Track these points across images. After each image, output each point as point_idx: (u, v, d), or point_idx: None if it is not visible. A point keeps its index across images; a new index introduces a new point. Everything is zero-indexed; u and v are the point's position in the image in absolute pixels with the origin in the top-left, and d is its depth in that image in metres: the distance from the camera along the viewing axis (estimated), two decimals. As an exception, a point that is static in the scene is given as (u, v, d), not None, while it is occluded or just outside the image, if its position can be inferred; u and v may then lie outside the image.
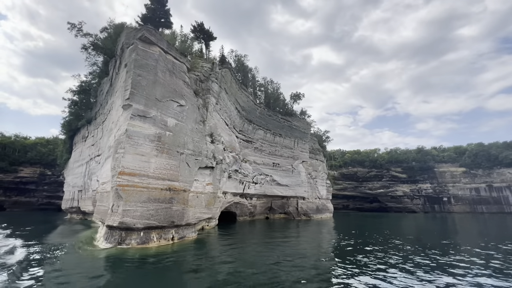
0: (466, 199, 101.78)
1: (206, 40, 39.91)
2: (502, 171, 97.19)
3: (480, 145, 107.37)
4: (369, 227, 43.48)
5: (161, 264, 14.71)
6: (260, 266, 14.80)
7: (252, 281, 12.02)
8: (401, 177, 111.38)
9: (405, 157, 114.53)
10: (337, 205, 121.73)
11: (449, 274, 13.82)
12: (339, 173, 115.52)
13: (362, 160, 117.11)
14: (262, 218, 54.25)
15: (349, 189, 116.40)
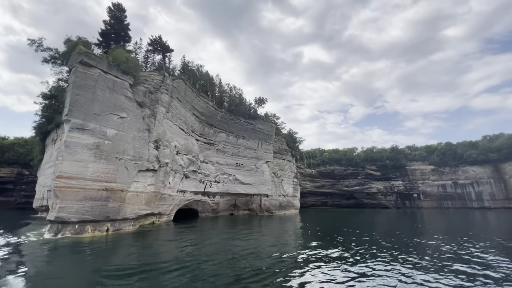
0: (434, 195, 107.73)
1: (164, 52, 43.80)
2: (466, 169, 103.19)
3: (448, 144, 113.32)
4: (328, 221, 48.53)
5: (89, 250, 18.98)
6: (170, 254, 19.00)
7: (142, 264, 16.35)
8: (376, 175, 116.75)
9: (380, 156, 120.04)
10: (316, 201, 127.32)
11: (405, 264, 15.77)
12: (317, 171, 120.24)
13: (340, 159, 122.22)
14: (227, 215, 58.68)
15: (327, 187, 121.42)
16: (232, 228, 35.10)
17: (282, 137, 75.01)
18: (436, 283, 12.16)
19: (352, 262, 16.17)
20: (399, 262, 16.05)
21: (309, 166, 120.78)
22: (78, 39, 36.77)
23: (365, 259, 16.75)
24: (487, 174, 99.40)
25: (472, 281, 12.52)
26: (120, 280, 12.60)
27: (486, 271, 14.15)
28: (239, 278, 12.73)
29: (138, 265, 14.85)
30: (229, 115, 55.31)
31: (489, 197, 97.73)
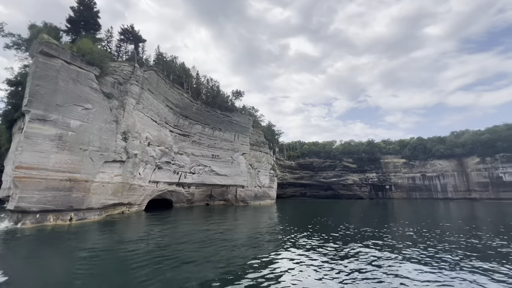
0: (404, 187, 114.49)
1: (136, 43, 43.29)
2: (434, 163, 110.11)
3: (419, 139, 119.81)
4: (303, 211, 51.38)
5: (43, 238, 19.72)
6: (129, 242, 20.15)
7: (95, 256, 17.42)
8: (352, 167, 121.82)
9: (357, 149, 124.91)
10: (295, 192, 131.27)
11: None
12: (297, 163, 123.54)
13: (319, 151, 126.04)
14: (202, 205, 60.06)
15: (306, 178, 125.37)
16: (204, 218, 36.45)
17: (260, 130, 76.46)
18: (401, 263, 14.16)
19: (323, 248, 17.54)
20: (367, 246, 18.19)
21: (289, 158, 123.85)
22: (44, 25, 35.69)
23: (336, 246, 18.20)
24: (452, 168, 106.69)
25: (423, 255, 15.43)
26: (72, 263, 13.70)
27: (445, 252, 16.68)
28: (201, 264, 13.67)
29: (94, 253, 15.95)
30: (205, 107, 55.80)
31: (452, 189, 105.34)
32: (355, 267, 13.44)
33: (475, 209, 56.02)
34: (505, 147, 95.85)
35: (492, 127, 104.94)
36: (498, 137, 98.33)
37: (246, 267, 13.30)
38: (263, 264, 13.80)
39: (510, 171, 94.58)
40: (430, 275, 12.30)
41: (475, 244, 19.15)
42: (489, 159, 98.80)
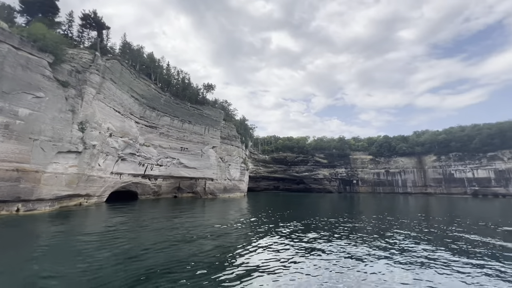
0: (369, 182, 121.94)
1: (99, 29, 41.75)
2: (397, 159, 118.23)
3: (385, 137, 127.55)
4: (271, 203, 53.62)
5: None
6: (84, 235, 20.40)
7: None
8: (323, 162, 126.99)
9: (328, 145, 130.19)
10: (269, 186, 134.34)
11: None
12: (271, 157, 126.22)
13: (292, 146, 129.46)
14: (170, 197, 60.16)
15: (279, 172, 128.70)
16: (170, 210, 36.87)
17: (233, 124, 77.23)
18: (368, 252, 15.66)
19: (290, 238, 18.79)
20: (333, 236, 20.03)
21: (264, 153, 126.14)
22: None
23: (302, 237, 19.51)
24: (412, 165, 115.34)
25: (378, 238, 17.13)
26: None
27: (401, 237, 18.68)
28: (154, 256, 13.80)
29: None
30: (174, 99, 55.37)
31: (411, 184, 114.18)
32: (324, 257, 14.38)
33: (430, 203, 61.80)
34: (458, 147, 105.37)
35: (448, 128, 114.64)
36: (453, 138, 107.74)
37: (211, 260, 13.33)
38: (228, 258, 13.71)
39: (460, 168, 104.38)
40: (386, 260, 14.17)
41: (426, 233, 22.03)
42: (444, 157, 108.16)
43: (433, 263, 13.53)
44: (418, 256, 14.75)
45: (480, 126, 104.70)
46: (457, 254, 15.39)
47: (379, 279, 11.34)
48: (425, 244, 17.77)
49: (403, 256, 14.81)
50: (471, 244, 17.76)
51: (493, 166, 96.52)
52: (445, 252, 15.80)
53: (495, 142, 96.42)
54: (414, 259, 14.29)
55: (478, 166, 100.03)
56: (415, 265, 13.22)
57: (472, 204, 59.42)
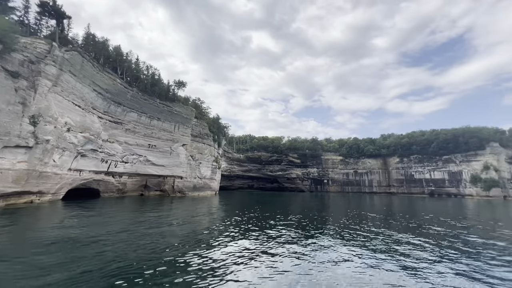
0: (339, 181, 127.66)
1: (58, 18, 39.71)
2: (364, 160, 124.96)
3: (355, 139, 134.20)
4: (239, 202, 53.85)
5: None
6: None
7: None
8: (296, 162, 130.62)
9: (302, 145, 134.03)
10: (243, 184, 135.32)
11: None
12: (246, 156, 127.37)
13: (267, 146, 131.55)
14: (136, 195, 58.75)
15: (254, 171, 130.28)
16: (134, 208, 36.10)
17: (205, 122, 76.84)
18: (337, 247, 16.50)
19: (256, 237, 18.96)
20: (285, 225, 20.94)
21: (238, 151, 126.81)
22: None
23: (269, 235, 19.69)
24: (378, 166, 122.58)
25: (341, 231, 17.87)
26: None
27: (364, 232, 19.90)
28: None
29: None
30: (142, 94, 54.07)
31: (377, 184, 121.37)
32: (293, 256, 14.39)
33: (393, 202, 66.26)
34: (418, 150, 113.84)
35: (410, 133, 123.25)
36: (414, 142, 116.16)
37: (175, 258, 12.87)
38: (193, 258, 13.13)
39: (420, 170, 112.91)
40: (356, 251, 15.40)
41: (389, 229, 23.90)
42: (406, 159, 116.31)
43: (394, 254, 14.97)
44: (383, 250, 15.84)
45: (438, 131, 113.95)
46: (414, 246, 17.07)
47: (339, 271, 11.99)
48: (387, 238, 19.29)
49: (376, 252, 15.43)
50: (425, 237, 19.85)
51: (447, 168, 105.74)
52: (406, 245, 17.37)
53: (449, 146, 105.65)
54: (378, 253, 15.21)
55: (435, 168, 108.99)
56: (379, 259, 14.02)
57: (429, 203, 64.78)
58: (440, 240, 19.16)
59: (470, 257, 14.84)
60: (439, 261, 13.86)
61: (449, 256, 14.78)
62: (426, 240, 18.80)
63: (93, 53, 44.28)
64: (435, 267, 12.78)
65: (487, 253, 15.81)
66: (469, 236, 20.93)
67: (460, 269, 12.59)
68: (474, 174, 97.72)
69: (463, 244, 18.05)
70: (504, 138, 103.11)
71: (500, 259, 14.45)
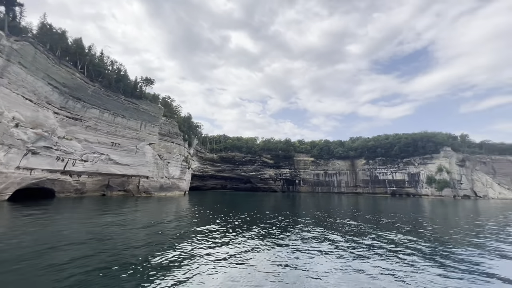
0: (310, 182, 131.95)
1: (7, 5, 37.02)
2: (334, 162, 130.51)
3: (326, 141, 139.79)
4: (210, 203, 53.30)
5: None
6: None
7: None
8: (270, 163, 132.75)
9: (275, 146, 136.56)
10: (216, 185, 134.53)
11: None
12: (219, 156, 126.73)
13: (241, 146, 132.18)
14: (97, 195, 56.17)
15: (227, 171, 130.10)
16: (91, 210, 34.58)
17: (175, 121, 75.65)
18: (303, 244, 16.95)
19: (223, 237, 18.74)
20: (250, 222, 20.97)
21: (212, 151, 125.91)
22: None
23: (235, 235, 19.65)
24: (346, 167, 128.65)
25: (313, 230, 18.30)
26: None
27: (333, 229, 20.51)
28: None
29: None
30: (104, 90, 51.98)
31: (345, 185, 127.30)
32: (265, 255, 14.49)
33: (359, 202, 70.10)
34: (382, 153, 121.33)
35: (376, 136, 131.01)
36: (379, 145, 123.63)
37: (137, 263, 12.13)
38: (154, 265, 12.17)
39: (383, 171, 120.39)
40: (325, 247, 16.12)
41: (354, 226, 25.15)
42: (371, 161, 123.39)
43: (354, 249, 16.05)
44: (347, 247, 16.72)
45: (400, 135, 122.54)
46: (375, 240, 18.54)
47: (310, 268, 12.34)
48: (353, 235, 20.56)
49: (345, 250, 15.99)
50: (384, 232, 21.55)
51: (407, 170, 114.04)
52: (367, 239, 18.82)
53: (409, 149, 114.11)
54: (345, 250, 15.96)
55: (397, 169, 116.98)
56: (345, 257, 14.57)
57: (391, 202, 69.60)
58: (393, 233, 21.05)
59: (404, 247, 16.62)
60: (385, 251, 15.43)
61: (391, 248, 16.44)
62: (380, 235, 20.51)
63: (48, 45, 41.77)
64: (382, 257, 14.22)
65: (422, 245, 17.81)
66: (416, 233, 23.23)
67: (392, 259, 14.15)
68: (429, 175, 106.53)
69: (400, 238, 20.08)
70: (456, 143, 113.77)
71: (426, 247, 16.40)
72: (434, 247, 16.96)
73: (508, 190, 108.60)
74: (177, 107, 79.96)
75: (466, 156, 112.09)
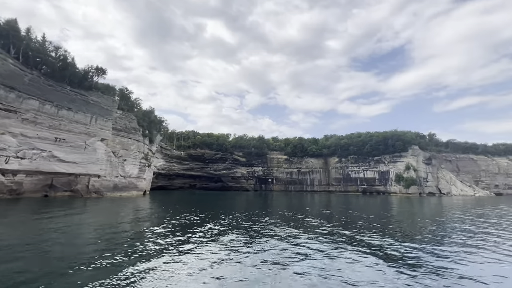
0: (283, 180, 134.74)
1: None
2: (308, 160, 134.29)
3: (300, 139, 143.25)
4: (177, 202, 52.20)
5: None
6: None
7: None
8: (242, 161, 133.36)
9: (248, 143, 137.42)
10: (184, 184, 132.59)
11: None
12: (187, 153, 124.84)
13: (212, 143, 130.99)
14: (38, 196, 52.95)
15: (196, 169, 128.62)
16: (22, 213, 32.35)
17: (134, 114, 73.23)
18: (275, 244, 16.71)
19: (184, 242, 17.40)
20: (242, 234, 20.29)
21: (180, 148, 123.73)
22: None
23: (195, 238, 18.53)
24: (319, 165, 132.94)
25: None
26: None
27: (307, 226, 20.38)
28: None
29: None
30: (45, 79, 48.91)
31: (317, 183, 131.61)
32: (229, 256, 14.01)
33: (331, 200, 72.37)
34: (355, 151, 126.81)
35: (349, 134, 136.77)
36: (352, 143, 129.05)
37: None
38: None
39: (355, 169, 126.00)
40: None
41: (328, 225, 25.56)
42: (344, 159, 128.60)
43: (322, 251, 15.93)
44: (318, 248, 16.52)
45: (372, 134, 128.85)
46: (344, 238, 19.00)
47: None
48: (320, 234, 20.79)
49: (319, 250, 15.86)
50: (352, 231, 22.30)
51: (378, 168, 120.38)
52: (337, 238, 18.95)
53: (380, 148, 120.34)
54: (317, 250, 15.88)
55: (368, 168, 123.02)
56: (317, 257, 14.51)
57: (362, 200, 72.85)
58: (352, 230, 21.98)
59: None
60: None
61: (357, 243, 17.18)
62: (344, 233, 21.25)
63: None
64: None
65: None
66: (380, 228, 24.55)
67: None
68: (398, 173, 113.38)
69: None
70: (423, 142, 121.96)
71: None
72: (397, 244, 17.71)
73: (469, 187, 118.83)
74: (137, 100, 77.37)
75: (432, 155, 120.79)
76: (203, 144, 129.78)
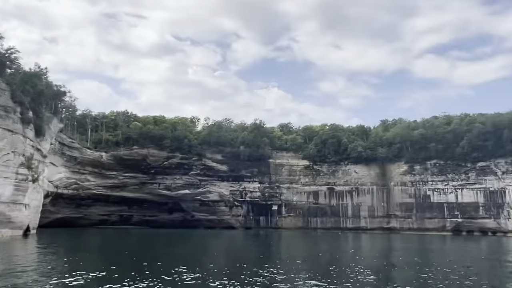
0: (300, 208, 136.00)
1: None
2: (348, 168, 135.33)
3: (333, 128, 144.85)
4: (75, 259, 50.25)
5: None
6: None
7: None
8: (220, 170, 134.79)
9: (235, 136, 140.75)
10: (109, 215, 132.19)
11: None
12: (114, 155, 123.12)
13: (163, 136, 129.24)
14: None
15: (132, 187, 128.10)
16: None
17: (5, 81, 73.00)
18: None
19: None
20: None
21: (99, 145, 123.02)
22: None
23: None
24: (371, 179, 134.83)
25: None
26: None
27: None
28: None
29: None
30: None
31: (367, 213, 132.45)
32: None
33: (396, 249, 70.29)
34: (439, 151, 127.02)
35: (428, 119, 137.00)
36: (433, 135, 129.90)
37: None
38: None
39: (440, 187, 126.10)
40: None
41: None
42: (418, 167, 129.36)
43: None
44: None
45: (472, 117, 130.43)
46: None
47: None
48: None
49: None
50: None
51: (483, 185, 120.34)
52: None
53: (488, 145, 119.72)
54: None
55: (464, 184, 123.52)
56: None
57: (463, 249, 69.83)
58: None
59: None
60: None
61: None
62: None
63: None
64: None
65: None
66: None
67: None
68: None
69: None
70: None
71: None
72: None
73: None
74: (11, 52, 76.91)
75: None
76: (145, 137, 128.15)
